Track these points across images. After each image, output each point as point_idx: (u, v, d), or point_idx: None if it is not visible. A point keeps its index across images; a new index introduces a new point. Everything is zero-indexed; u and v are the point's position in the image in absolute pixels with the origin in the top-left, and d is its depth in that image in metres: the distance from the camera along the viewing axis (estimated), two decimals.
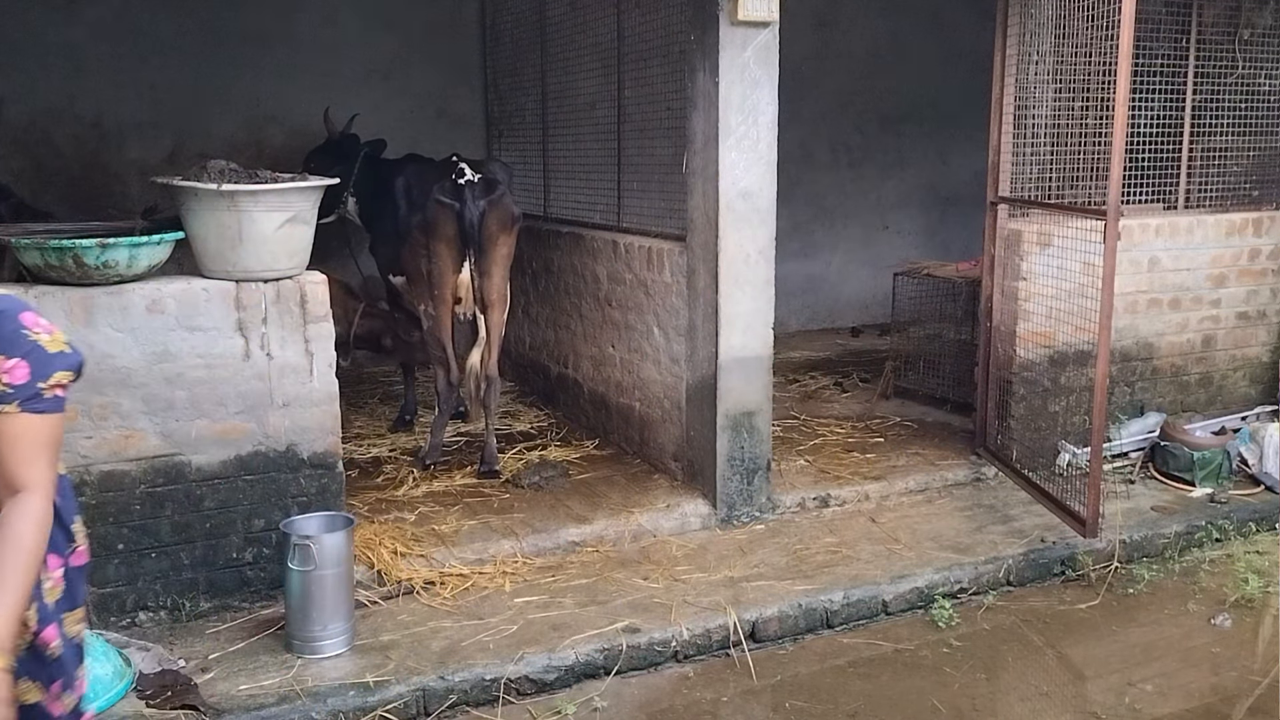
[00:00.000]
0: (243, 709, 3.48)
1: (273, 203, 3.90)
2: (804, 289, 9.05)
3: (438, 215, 5.12)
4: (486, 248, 5.21)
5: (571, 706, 3.74)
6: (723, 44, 4.67)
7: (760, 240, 4.89)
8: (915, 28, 9.06)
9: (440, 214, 5.12)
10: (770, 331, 5.03)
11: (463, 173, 5.15)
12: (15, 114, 6.61)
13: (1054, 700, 3.86)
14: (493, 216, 5.19)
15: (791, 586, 4.41)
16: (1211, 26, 6.08)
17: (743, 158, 4.79)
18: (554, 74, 6.73)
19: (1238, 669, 4.07)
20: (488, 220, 5.16)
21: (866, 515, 5.21)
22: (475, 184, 5.14)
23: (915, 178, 9.47)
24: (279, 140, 7.25)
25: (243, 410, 3.99)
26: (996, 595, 4.62)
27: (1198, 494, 5.49)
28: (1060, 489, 5.04)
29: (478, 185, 5.15)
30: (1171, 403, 6.22)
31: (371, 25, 7.41)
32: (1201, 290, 6.19)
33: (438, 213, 5.12)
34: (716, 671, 4.03)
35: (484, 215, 5.13)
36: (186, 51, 6.90)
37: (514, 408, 6.75)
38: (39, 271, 3.72)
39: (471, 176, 5.15)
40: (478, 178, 5.17)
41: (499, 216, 5.23)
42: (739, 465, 5.04)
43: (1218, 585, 4.75)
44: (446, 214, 5.10)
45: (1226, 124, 6.20)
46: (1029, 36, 5.34)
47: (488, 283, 5.27)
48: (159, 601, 3.99)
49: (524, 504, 5.06)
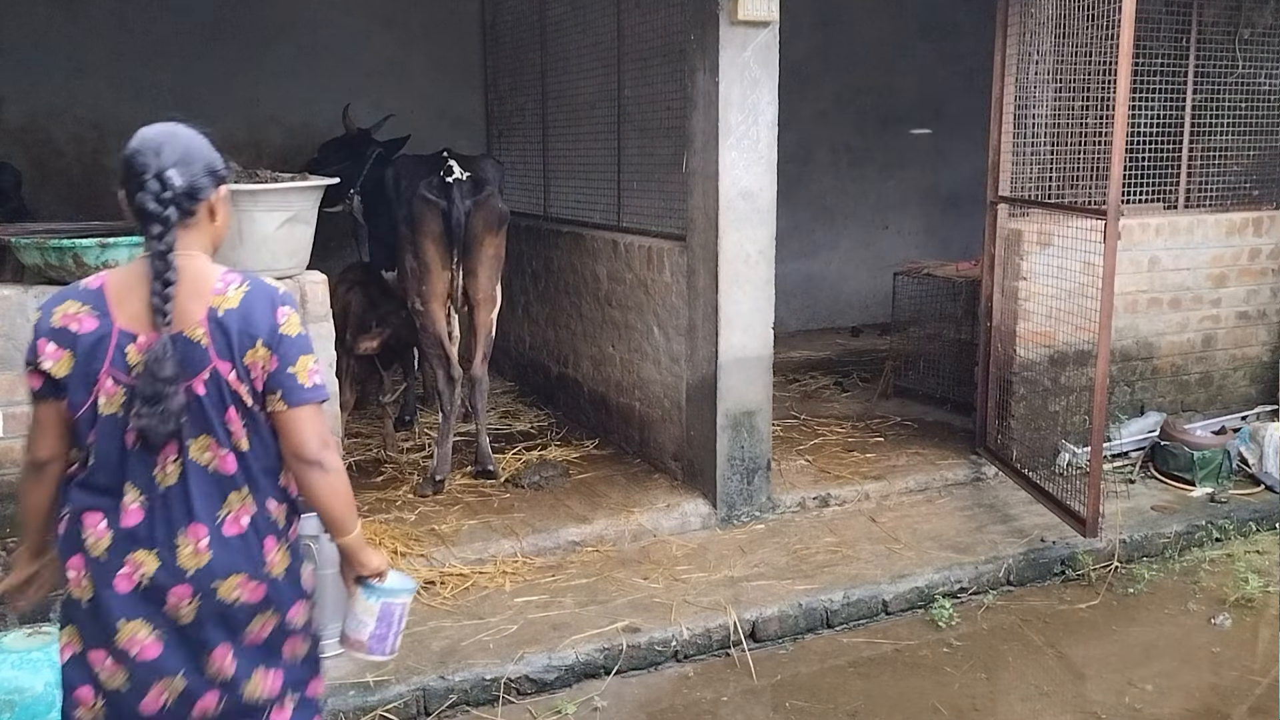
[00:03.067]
0: None
1: (273, 202, 3.90)
2: (804, 289, 9.05)
3: (423, 212, 5.08)
4: (472, 247, 5.16)
5: (572, 706, 3.74)
6: (723, 44, 4.67)
7: (760, 240, 4.89)
8: (915, 28, 9.07)
9: (426, 211, 5.07)
10: (770, 331, 5.03)
11: (451, 170, 5.10)
12: (15, 114, 6.61)
13: (1054, 700, 3.86)
14: (479, 216, 5.13)
15: (791, 586, 4.42)
16: (1211, 26, 6.09)
17: (743, 157, 4.79)
18: (554, 74, 6.73)
19: (1238, 669, 4.07)
20: (474, 220, 5.11)
21: (866, 515, 5.22)
22: (463, 182, 5.09)
23: (915, 178, 9.47)
24: (279, 140, 7.25)
25: None
26: (996, 595, 4.62)
27: (1198, 494, 5.50)
28: (1060, 488, 5.04)
29: (465, 184, 5.09)
30: (1171, 402, 6.23)
31: (371, 25, 7.41)
32: (1202, 290, 6.19)
33: (423, 210, 5.07)
34: (716, 671, 4.03)
35: (470, 215, 5.08)
36: (186, 51, 6.90)
37: (514, 407, 6.76)
38: (39, 271, 3.72)
39: (460, 174, 5.08)
40: (466, 176, 5.12)
41: (485, 216, 5.17)
42: (739, 465, 5.04)
43: (1218, 585, 4.75)
44: (432, 211, 5.06)
45: (1226, 124, 6.20)
46: (1029, 36, 5.34)
47: (473, 282, 5.23)
48: None
49: (524, 504, 5.06)
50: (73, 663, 2.33)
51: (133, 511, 2.25)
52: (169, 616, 2.27)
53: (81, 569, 2.28)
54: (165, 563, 2.25)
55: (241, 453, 2.28)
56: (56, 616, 2.80)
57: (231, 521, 2.29)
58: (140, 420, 2.18)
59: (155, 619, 2.26)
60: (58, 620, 2.47)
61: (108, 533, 2.25)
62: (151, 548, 2.25)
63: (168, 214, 2.19)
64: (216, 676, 2.30)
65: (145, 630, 2.26)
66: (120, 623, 2.25)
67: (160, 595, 2.25)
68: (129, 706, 2.27)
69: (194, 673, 2.29)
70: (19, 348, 3.64)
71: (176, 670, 2.27)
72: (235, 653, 2.32)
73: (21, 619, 3.74)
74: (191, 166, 2.24)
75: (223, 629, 2.30)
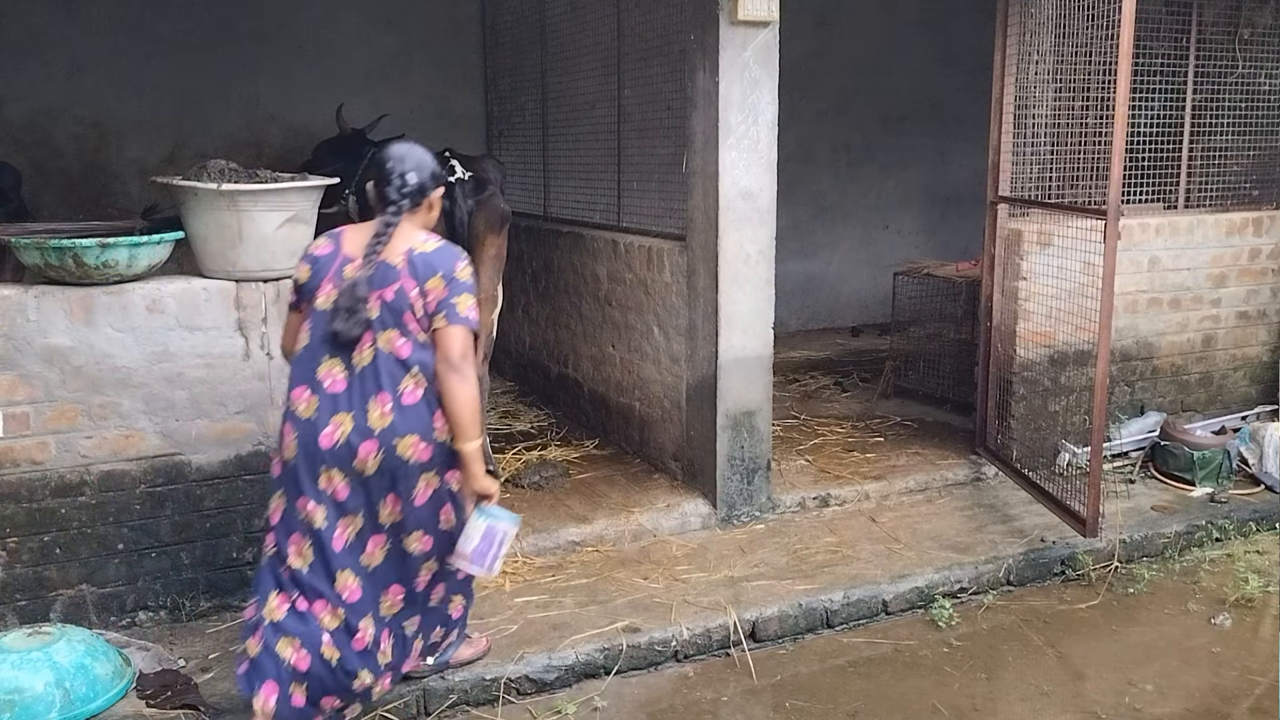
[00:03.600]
0: (243, 709, 3.46)
1: (272, 202, 3.90)
2: (804, 289, 9.05)
3: None
4: (474, 247, 5.15)
5: (571, 706, 3.74)
6: (723, 44, 4.67)
7: (760, 240, 4.89)
8: (915, 28, 9.06)
9: None
10: (770, 331, 5.03)
11: (453, 169, 5.10)
12: (15, 114, 6.61)
13: (1054, 700, 3.86)
14: (481, 216, 5.12)
15: (791, 586, 4.42)
16: (1211, 26, 6.08)
17: (743, 157, 4.79)
18: (554, 74, 6.73)
19: (1238, 669, 4.07)
20: (476, 220, 5.10)
21: (866, 515, 5.22)
22: (465, 182, 5.09)
23: (915, 178, 9.47)
24: (279, 140, 7.25)
25: (243, 410, 3.99)
26: (996, 595, 4.62)
27: (1198, 494, 5.50)
28: (1060, 488, 5.04)
29: (468, 183, 5.08)
30: (1171, 402, 6.23)
31: (371, 25, 7.41)
32: (1202, 290, 6.19)
33: None
34: (716, 671, 4.03)
35: (472, 214, 5.08)
36: (186, 51, 6.90)
37: (514, 408, 6.75)
38: (39, 271, 3.72)
39: (462, 174, 5.09)
40: (468, 175, 5.12)
41: (488, 216, 5.16)
42: (739, 465, 5.04)
43: (1218, 585, 4.76)
44: None
45: (1226, 124, 6.20)
46: (1029, 36, 5.34)
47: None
48: (159, 601, 3.99)
49: (524, 504, 5.06)
50: (283, 520, 3.20)
51: (338, 382, 3.15)
52: (357, 470, 3.12)
53: (291, 434, 3.16)
54: (358, 424, 3.11)
55: (416, 344, 3.17)
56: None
57: (409, 394, 3.16)
58: (336, 324, 3.10)
59: (347, 470, 3.12)
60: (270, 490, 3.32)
61: (314, 399, 3.15)
62: (349, 410, 3.12)
63: (402, 204, 3.22)
64: (386, 522, 3.20)
65: (340, 477, 3.13)
66: (322, 469, 3.13)
67: (353, 451, 3.11)
68: (325, 537, 3.15)
69: (369, 517, 3.17)
70: (19, 348, 3.65)
71: (357, 511, 3.16)
72: (403, 507, 3.20)
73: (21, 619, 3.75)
74: (422, 173, 3.27)
75: (398, 482, 3.16)
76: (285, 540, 3.19)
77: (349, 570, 3.18)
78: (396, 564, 3.26)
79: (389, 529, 3.21)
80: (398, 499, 3.19)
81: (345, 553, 3.17)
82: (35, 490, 3.73)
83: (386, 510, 3.19)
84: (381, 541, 3.22)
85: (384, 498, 3.17)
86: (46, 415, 3.71)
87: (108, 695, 3.41)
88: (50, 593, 3.82)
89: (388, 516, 3.20)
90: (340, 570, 3.17)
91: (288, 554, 3.19)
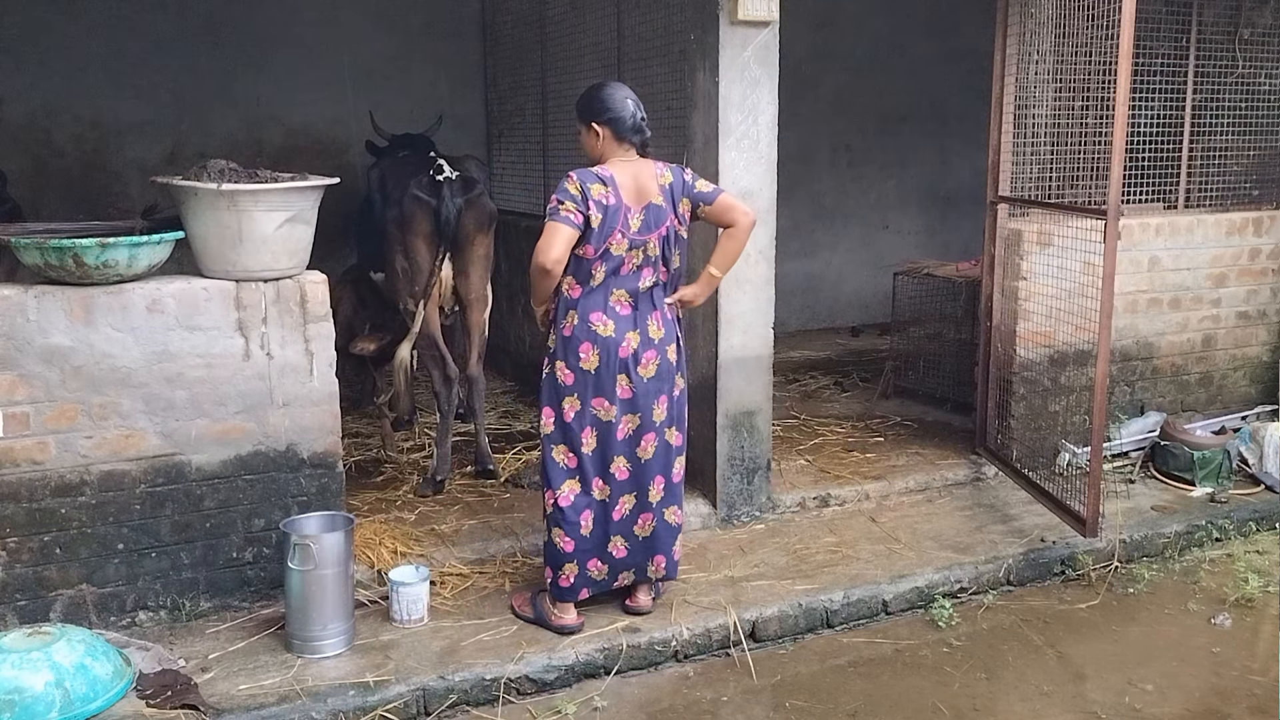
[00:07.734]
0: (243, 709, 3.48)
1: (273, 202, 3.90)
2: (804, 289, 9.05)
3: (414, 211, 5.06)
4: (463, 246, 5.16)
5: (571, 706, 3.74)
6: (723, 44, 4.67)
7: (760, 240, 4.89)
8: (915, 28, 9.06)
9: (417, 210, 5.06)
10: (770, 331, 5.03)
11: (441, 169, 5.09)
12: (15, 114, 6.62)
13: (1054, 700, 3.86)
14: (470, 215, 5.13)
15: (791, 586, 4.42)
16: (1211, 26, 6.08)
17: (743, 157, 4.79)
18: (554, 74, 6.73)
19: (1238, 669, 4.07)
20: (465, 219, 5.10)
21: (866, 515, 5.22)
22: (453, 181, 5.09)
23: (915, 178, 9.48)
24: (279, 140, 7.25)
25: (243, 410, 3.99)
26: (996, 595, 4.62)
27: (1198, 494, 5.50)
28: (1060, 488, 5.04)
29: (456, 183, 5.10)
30: (1171, 402, 6.23)
31: (371, 25, 7.42)
32: (1202, 290, 6.19)
33: (414, 209, 5.06)
34: (716, 671, 4.03)
35: (461, 213, 5.08)
36: (186, 51, 6.91)
37: (514, 407, 6.75)
38: (39, 271, 3.72)
39: (450, 174, 5.09)
40: (456, 175, 5.13)
41: (476, 215, 5.17)
42: (739, 465, 5.04)
43: (1218, 585, 4.76)
44: (424, 210, 5.05)
45: (1226, 124, 6.20)
46: (1029, 36, 5.34)
47: (465, 282, 5.24)
48: (159, 601, 3.99)
49: (524, 503, 5.06)
50: (576, 417, 3.89)
51: (628, 307, 3.87)
52: (640, 375, 3.89)
53: (591, 349, 3.84)
54: (644, 338, 3.90)
55: (670, 271, 3.95)
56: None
57: (670, 310, 3.99)
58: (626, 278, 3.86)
59: (632, 375, 3.89)
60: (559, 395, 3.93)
61: (610, 322, 3.84)
62: (635, 329, 3.88)
63: (647, 134, 3.95)
64: (657, 420, 3.97)
65: (626, 381, 3.89)
66: (619, 375, 3.87)
67: (639, 358, 3.89)
68: (610, 434, 3.92)
69: (645, 414, 3.94)
70: (19, 348, 3.65)
71: (636, 411, 3.93)
72: (669, 404, 4.00)
73: (21, 619, 3.75)
74: (640, 108, 3.97)
75: (666, 382, 3.96)
76: (579, 432, 3.89)
77: (622, 457, 3.93)
78: (662, 456, 3.99)
79: (658, 426, 3.96)
80: (666, 398, 3.96)
81: (624, 443, 3.92)
82: (35, 490, 3.73)
83: (659, 410, 3.95)
84: (653, 439, 3.96)
85: (658, 399, 3.93)
86: (46, 415, 3.71)
87: (108, 695, 3.41)
88: (50, 593, 3.82)
89: (659, 415, 3.95)
90: (616, 456, 3.92)
91: (580, 444, 3.90)
